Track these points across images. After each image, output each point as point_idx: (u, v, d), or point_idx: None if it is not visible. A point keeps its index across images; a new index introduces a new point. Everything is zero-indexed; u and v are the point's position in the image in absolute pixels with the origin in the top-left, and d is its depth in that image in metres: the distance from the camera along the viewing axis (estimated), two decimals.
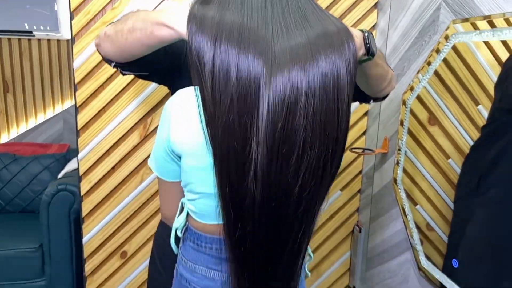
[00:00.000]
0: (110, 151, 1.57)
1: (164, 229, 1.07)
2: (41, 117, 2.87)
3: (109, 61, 0.90)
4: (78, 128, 1.54)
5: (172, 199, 0.95)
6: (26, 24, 2.66)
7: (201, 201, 0.86)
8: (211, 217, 0.86)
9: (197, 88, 0.68)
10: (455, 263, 1.15)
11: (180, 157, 0.85)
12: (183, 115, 0.81)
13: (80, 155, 1.56)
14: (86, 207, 1.60)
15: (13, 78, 2.78)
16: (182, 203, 0.94)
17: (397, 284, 1.48)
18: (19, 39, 2.72)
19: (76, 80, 1.50)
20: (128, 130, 1.56)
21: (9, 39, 2.71)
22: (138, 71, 0.96)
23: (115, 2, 1.49)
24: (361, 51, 0.76)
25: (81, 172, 1.57)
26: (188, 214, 0.92)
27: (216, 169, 0.71)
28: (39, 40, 2.74)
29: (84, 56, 1.50)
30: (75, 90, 1.51)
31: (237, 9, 0.69)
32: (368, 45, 0.76)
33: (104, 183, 1.59)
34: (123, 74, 0.96)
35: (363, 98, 1.01)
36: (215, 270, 0.88)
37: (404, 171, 1.45)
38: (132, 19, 0.78)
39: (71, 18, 1.48)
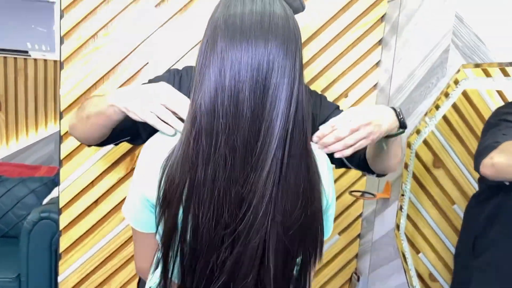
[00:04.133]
0: (93, 183, 1.48)
1: (143, 284, 0.97)
2: (32, 137, 2.79)
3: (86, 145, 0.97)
4: (61, 157, 1.45)
5: (147, 253, 0.85)
6: (27, 43, 2.62)
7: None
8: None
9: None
10: None
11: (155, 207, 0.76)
12: (158, 165, 0.73)
13: (61, 186, 1.46)
14: (64, 243, 1.49)
15: (6, 96, 2.71)
16: (158, 258, 0.83)
17: None
18: (15, 58, 2.67)
19: (62, 107, 1.42)
20: (114, 162, 1.46)
21: (5, 58, 2.66)
22: (117, 140, 0.97)
23: (108, 27, 1.42)
24: (395, 124, 0.81)
25: (61, 204, 1.47)
26: (163, 270, 0.81)
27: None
28: (35, 60, 2.68)
29: (72, 82, 1.42)
30: (60, 118, 1.43)
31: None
32: (402, 118, 0.82)
33: (85, 218, 1.48)
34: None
35: (369, 170, 1.00)
36: None
37: (407, 217, 1.36)
38: (86, 106, 0.87)
39: (61, 42, 1.41)
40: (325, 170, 0.78)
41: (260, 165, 0.66)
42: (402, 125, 0.82)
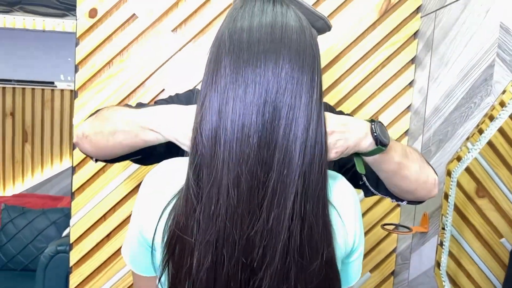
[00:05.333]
0: (106, 216, 1.40)
1: None
2: (57, 167, 2.79)
3: (90, 157, 0.85)
4: (73, 190, 1.38)
5: None
6: (59, 75, 2.66)
7: None
8: None
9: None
10: None
11: (156, 249, 0.66)
12: (161, 198, 0.64)
13: (72, 220, 1.38)
14: (74, 280, 1.40)
15: (33, 128, 2.75)
16: None
17: None
18: (43, 90, 2.71)
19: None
20: (127, 195, 1.39)
21: (33, 89, 2.70)
22: (126, 159, 0.85)
23: (124, 54, 1.38)
24: (366, 141, 0.68)
25: (72, 239, 1.39)
26: None
27: None
28: (62, 90, 2.71)
29: (86, 111, 1.37)
30: (73, 149, 1.37)
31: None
32: (376, 134, 0.68)
33: (97, 253, 1.40)
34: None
35: (392, 195, 0.87)
36: None
37: (449, 253, 1.20)
38: (112, 120, 0.74)
39: (76, 71, 1.37)
40: (351, 205, 0.67)
41: (276, 203, 0.55)
42: (381, 143, 0.69)
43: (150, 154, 0.85)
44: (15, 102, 2.71)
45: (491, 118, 1.02)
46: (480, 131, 1.06)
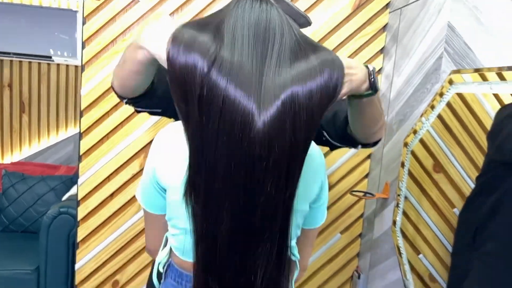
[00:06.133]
0: (110, 177, 1.58)
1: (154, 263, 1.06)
2: (53, 138, 2.94)
3: (121, 98, 0.91)
4: (81, 153, 1.56)
5: (157, 233, 0.94)
6: (50, 50, 2.77)
7: (182, 237, 0.85)
8: (191, 255, 0.84)
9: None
10: None
11: (165, 190, 0.84)
12: (171, 148, 0.81)
13: (80, 180, 1.57)
14: (81, 233, 1.60)
15: (30, 99, 2.87)
16: (166, 238, 0.92)
17: None
18: (39, 63, 2.83)
19: (82, 107, 1.54)
20: (129, 159, 1.57)
21: (30, 63, 2.82)
22: (150, 108, 0.96)
23: (126, 34, 1.54)
24: (365, 85, 0.75)
25: (79, 197, 1.58)
26: (171, 249, 0.90)
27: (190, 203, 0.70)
28: (58, 64, 2.84)
29: (92, 84, 1.54)
30: (81, 116, 1.54)
31: (231, 43, 0.65)
32: (372, 79, 0.75)
33: (101, 210, 1.59)
34: (138, 112, 0.98)
35: (352, 142, 0.98)
36: None
37: (408, 218, 1.42)
38: (127, 49, 0.79)
39: (83, 47, 1.53)
40: (319, 164, 0.86)
41: None
42: (373, 87, 0.76)
43: (169, 108, 0.94)
44: (12, 74, 2.83)
45: (441, 94, 1.21)
46: (432, 107, 1.25)
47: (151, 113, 1.02)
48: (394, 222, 1.42)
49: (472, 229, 1.12)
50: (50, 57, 2.75)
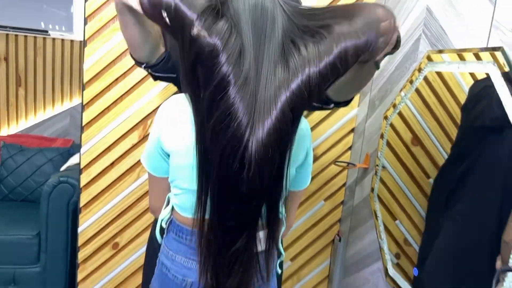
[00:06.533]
0: (110, 147, 1.69)
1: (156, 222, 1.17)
2: (49, 112, 3.01)
3: (138, 63, 0.99)
4: (83, 124, 1.66)
5: (160, 193, 1.04)
6: (42, 23, 2.81)
7: (184, 196, 0.96)
8: (191, 211, 0.95)
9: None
10: (415, 272, 1.25)
11: (168, 155, 0.95)
12: (174, 117, 0.91)
13: (82, 149, 1.67)
14: (84, 198, 1.71)
15: (26, 73, 2.92)
16: (168, 198, 1.04)
17: None
18: (35, 37, 2.87)
19: (85, 80, 1.63)
20: (129, 130, 1.67)
21: (25, 37, 2.86)
22: (165, 73, 1.03)
23: None
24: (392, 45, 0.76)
25: (82, 165, 1.69)
26: (172, 208, 1.02)
27: (200, 166, 0.79)
28: (53, 39, 2.88)
29: (94, 58, 1.63)
30: (83, 89, 1.64)
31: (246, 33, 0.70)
32: (399, 37, 0.78)
33: (103, 177, 1.70)
34: (154, 79, 1.05)
35: (326, 102, 1.02)
36: (193, 260, 0.97)
37: (386, 186, 1.54)
38: None
39: (85, 23, 1.61)
40: (305, 132, 0.97)
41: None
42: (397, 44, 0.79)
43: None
44: (8, 48, 2.87)
45: (419, 70, 1.32)
46: (411, 82, 1.36)
47: (166, 79, 1.08)
48: (372, 189, 1.56)
49: (444, 194, 1.21)
50: (46, 31, 2.79)
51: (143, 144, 1.69)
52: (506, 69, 0.92)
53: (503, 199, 0.99)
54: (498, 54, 0.95)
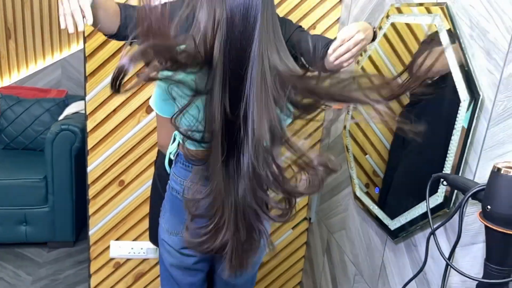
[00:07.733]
0: (112, 95, 1.87)
1: (162, 156, 1.40)
2: (40, 64, 3.11)
3: (109, 36, 1.25)
4: (87, 74, 1.83)
5: (167, 132, 1.25)
6: None
7: None
8: (195, 145, 1.16)
9: None
10: (377, 190, 1.53)
11: (175, 98, 1.15)
12: None
13: (87, 98, 1.85)
14: (91, 142, 1.92)
15: (15, 25, 2.99)
16: (174, 135, 1.25)
17: (340, 212, 1.87)
18: None
19: (86, 33, 1.77)
20: (129, 78, 1.84)
21: None
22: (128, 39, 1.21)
23: None
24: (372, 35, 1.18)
25: (87, 112, 1.88)
26: (179, 143, 1.24)
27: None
28: None
29: None
30: (85, 42, 1.79)
31: None
32: (375, 31, 1.23)
33: (107, 122, 1.90)
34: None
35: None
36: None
37: (357, 125, 1.79)
38: None
39: None
40: None
41: None
42: (374, 38, 1.22)
43: None
44: None
45: (387, 17, 1.52)
46: (380, 28, 1.55)
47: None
48: (345, 127, 1.81)
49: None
50: None
51: (142, 92, 1.88)
52: (448, 21, 1.14)
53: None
54: (443, 8, 1.16)
